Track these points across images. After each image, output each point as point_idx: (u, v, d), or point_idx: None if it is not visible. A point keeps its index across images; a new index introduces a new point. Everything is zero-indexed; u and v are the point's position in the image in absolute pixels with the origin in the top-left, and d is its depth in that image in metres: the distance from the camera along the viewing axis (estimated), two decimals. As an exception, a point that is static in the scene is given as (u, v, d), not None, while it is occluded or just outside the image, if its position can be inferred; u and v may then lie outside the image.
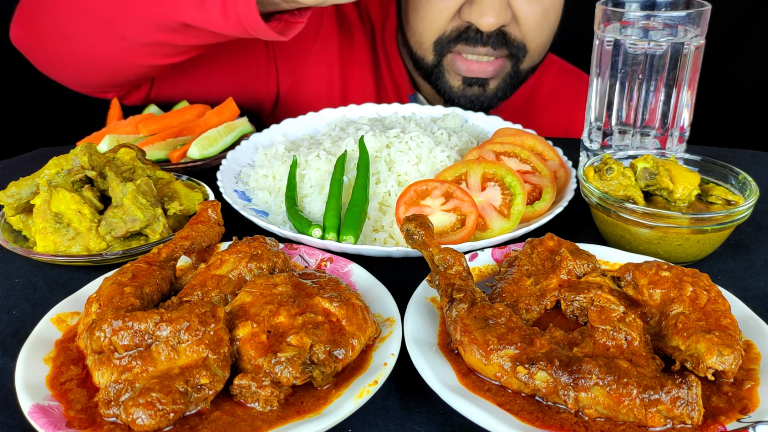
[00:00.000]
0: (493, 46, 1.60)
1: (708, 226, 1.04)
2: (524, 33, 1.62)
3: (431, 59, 1.69)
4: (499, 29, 1.59)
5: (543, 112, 1.90)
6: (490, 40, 1.60)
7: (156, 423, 0.70)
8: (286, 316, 0.81)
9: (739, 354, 0.78)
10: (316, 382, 0.77)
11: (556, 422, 0.73)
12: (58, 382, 0.78)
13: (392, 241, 1.16)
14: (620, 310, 0.82)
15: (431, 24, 1.63)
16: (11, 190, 1.11)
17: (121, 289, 0.84)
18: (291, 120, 1.54)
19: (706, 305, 0.86)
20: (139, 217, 1.07)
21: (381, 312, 0.91)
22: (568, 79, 1.95)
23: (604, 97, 1.28)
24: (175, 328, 0.76)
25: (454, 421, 0.79)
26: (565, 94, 1.91)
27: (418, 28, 1.67)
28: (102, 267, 1.07)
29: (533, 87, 1.90)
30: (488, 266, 1.03)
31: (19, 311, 0.98)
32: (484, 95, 1.71)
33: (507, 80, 1.70)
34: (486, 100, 1.71)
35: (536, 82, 1.90)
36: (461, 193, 1.13)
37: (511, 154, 1.27)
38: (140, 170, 1.16)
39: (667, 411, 0.71)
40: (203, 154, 1.42)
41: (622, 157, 1.19)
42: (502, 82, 1.70)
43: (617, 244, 1.11)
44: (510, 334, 0.79)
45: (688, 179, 1.11)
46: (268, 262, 0.95)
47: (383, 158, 1.28)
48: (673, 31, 1.20)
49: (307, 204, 1.23)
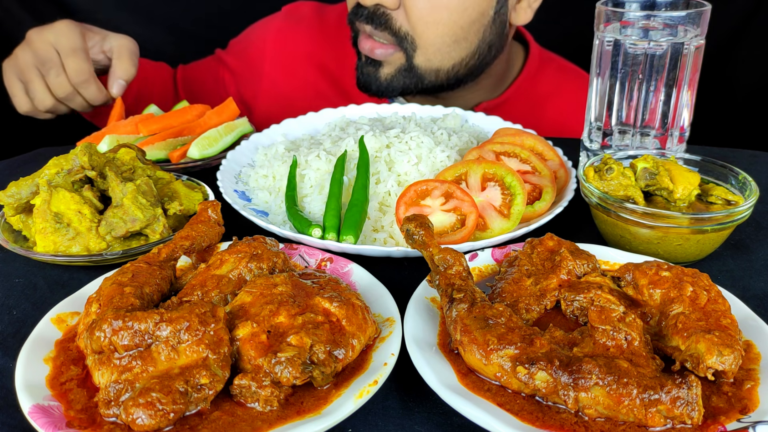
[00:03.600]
0: (374, 26, 1.63)
1: (708, 226, 1.04)
2: (411, 24, 1.62)
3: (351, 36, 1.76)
4: (382, 11, 1.61)
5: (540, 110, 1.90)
6: (372, 19, 1.62)
7: (156, 423, 0.70)
8: (286, 316, 0.81)
9: (739, 354, 0.78)
10: (316, 382, 0.77)
11: (556, 422, 0.73)
12: (58, 382, 0.78)
13: (392, 241, 1.16)
14: (620, 310, 0.82)
15: None
16: (11, 190, 1.11)
17: (121, 289, 0.84)
18: (291, 120, 1.54)
19: (706, 305, 0.86)
20: (139, 217, 1.07)
21: (381, 312, 0.91)
22: (566, 77, 1.95)
23: (604, 97, 1.28)
24: (175, 328, 0.76)
25: (454, 421, 0.79)
26: (564, 92, 1.91)
27: None
28: (102, 267, 1.07)
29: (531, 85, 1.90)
30: (488, 266, 1.03)
31: (19, 311, 0.98)
32: (376, 76, 1.72)
33: (403, 73, 1.70)
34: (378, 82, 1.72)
35: (534, 80, 1.90)
36: (461, 193, 1.13)
37: (511, 154, 1.27)
38: (140, 170, 1.16)
39: (667, 411, 0.71)
40: (203, 154, 1.42)
41: (622, 157, 1.19)
42: (397, 73, 1.70)
43: (617, 244, 1.11)
44: (510, 334, 0.79)
45: (688, 179, 1.11)
46: (268, 262, 0.95)
47: (383, 158, 1.28)
48: (673, 31, 1.20)
49: (307, 204, 1.23)
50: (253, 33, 2.01)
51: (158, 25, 2.49)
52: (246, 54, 2.00)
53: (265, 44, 1.97)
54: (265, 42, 1.97)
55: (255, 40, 1.99)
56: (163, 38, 2.47)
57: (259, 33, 2.00)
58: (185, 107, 1.59)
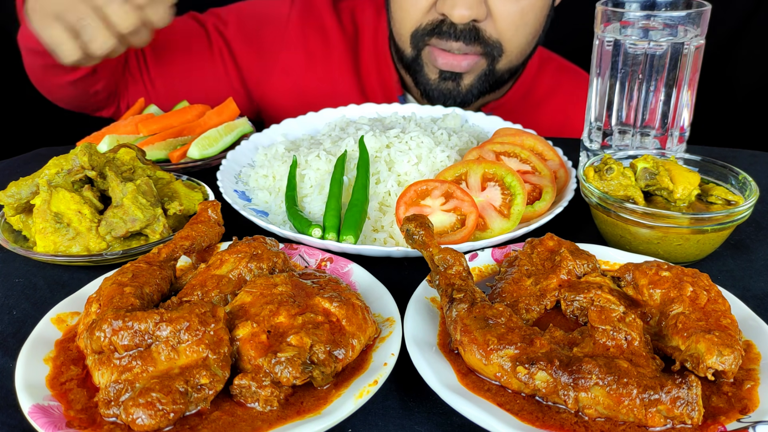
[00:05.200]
0: (465, 41, 1.60)
1: (708, 226, 1.04)
2: (500, 31, 1.61)
3: (410, 52, 1.71)
4: (473, 25, 1.59)
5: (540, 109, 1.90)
6: (463, 34, 1.59)
7: (156, 423, 0.70)
8: (286, 316, 0.81)
9: (739, 354, 0.78)
10: (316, 382, 0.77)
11: (556, 422, 0.73)
12: (58, 382, 0.78)
13: (392, 241, 1.16)
14: (620, 310, 0.82)
15: (408, 15, 1.65)
16: (11, 190, 1.11)
17: (121, 289, 0.84)
18: (291, 120, 1.54)
19: (706, 305, 0.86)
20: (139, 217, 1.07)
21: (381, 312, 0.91)
22: (566, 77, 1.95)
23: (604, 97, 1.28)
24: (175, 328, 0.76)
25: (454, 421, 0.79)
26: (563, 92, 1.91)
27: (397, 19, 1.70)
28: (102, 267, 1.07)
29: (530, 84, 1.90)
30: (488, 266, 1.03)
31: (19, 311, 0.98)
32: (457, 90, 1.71)
33: (482, 78, 1.70)
34: (459, 95, 1.71)
35: (534, 79, 1.90)
36: (461, 193, 1.13)
37: (511, 154, 1.27)
38: (140, 170, 1.16)
39: (667, 411, 0.71)
40: (203, 154, 1.42)
41: (622, 157, 1.19)
42: (477, 80, 1.70)
43: (617, 244, 1.11)
44: (510, 334, 0.79)
45: (688, 179, 1.11)
46: (268, 262, 0.95)
47: (383, 158, 1.28)
48: (673, 31, 1.20)
49: (307, 204, 1.23)
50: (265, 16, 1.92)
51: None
52: (256, 37, 1.90)
53: (285, 33, 1.89)
54: (284, 31, 1.89)
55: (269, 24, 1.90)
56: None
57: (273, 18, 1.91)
58: (185, 107, 1.59)
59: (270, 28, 1.90)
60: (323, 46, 1.90)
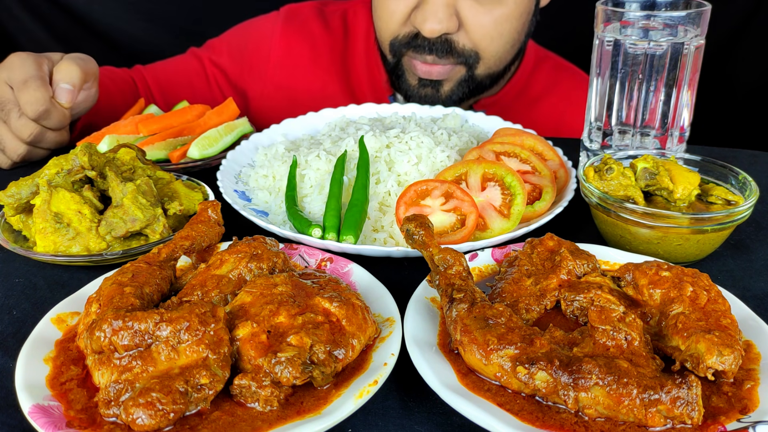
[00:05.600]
0: (438, 54, 1.61)
1: (708, 226, 1.04)
2: (474, 42, 1.61)
3: (390, 59, 1.73)
4: (445, 38, 1.59)
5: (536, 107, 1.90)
6: (436, 47, 1.60)
7: (156, 423, 0.70)
8: (286, 316, 0.81)
9: (739, 354, 0.78)
10: (316, 382, 0.77)
11: (556, 422, 0.73)
12: (58, 382, 0.78)
13: (392, 241, 1.16)
14: (620, 310, 0.82)
15: (387, 26, 1.67)
16: (11, 190, 1.11)
17: (121, 289, 0.84)
18: (291, 120, 1.54)
19: (706, 305, 0.86)
20: (139, 217, 1.07)
21: (381, 312, 0.91)
22: (562, 75, 1.95)
23: (604, 97, 1.28)
24: (175, 328, 0.76)
25: (454, 421, 0.79)
26: (560, 90, 1.91)
27: (378, 27, 1.72)
28: (102, 267, 1.07)
29: (526, 82, 1.90)
30: (488, 266, 1.03)
31: (19, 311, 0.98)
32: (437, 95, 1.72)
33: (462, 84, 1.71)
34: (439, 101, 1.72)
35: (529, 77, 1.91)
36: (461, 193, 1.13)
37: (511, 154, 1.27)
38: (140, 170, 1.16)
39: (667, 411, 0.71)
40: (203, 154, 1.42)
41: (622, 157, 1.19)
42: (457, 86, 1.71)
43: (617, 244, 1.11)
44: (510, 334, 0.79)
45: (688, 179, 1.11)
46: (268, 262, 0.95)
47: (383, 158, 1.28)
48: (673, 31, 1.20)
49: (307, 204, 1.23)
50: (251, 34, 2.00)
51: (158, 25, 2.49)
52: (245, 55, 1.98)
53: (270, 47, 1.95)
54: (269, 45, 1.95)
55: (255, 41, 1.98)
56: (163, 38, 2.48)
57: (259, 34, 1.98)
58: (185, 107, 1.59)
59: (257, 46, 1.97)
60: (310, 52, 1.94)
